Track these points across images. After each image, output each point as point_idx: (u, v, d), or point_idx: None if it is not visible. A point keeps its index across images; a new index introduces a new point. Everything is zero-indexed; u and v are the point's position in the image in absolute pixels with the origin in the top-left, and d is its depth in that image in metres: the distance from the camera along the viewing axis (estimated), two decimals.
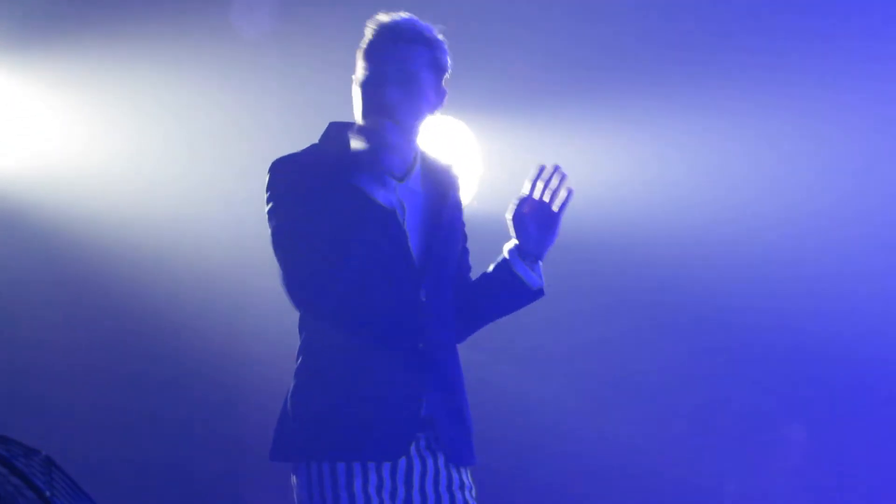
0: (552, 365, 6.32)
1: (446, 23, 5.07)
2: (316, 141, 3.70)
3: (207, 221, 5.18)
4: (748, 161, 6.37)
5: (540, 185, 3.61)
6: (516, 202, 3.63)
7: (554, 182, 3.61)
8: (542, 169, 3.59)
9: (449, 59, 3.64)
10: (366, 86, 3.56)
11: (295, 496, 3.60)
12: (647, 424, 6.28)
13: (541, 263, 3.67)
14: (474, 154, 6.08)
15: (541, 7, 6.26)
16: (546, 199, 3.62)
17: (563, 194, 3.60)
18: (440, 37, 3.64)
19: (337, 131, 3.63)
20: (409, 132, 3.57)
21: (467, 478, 3.60)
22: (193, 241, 5.62)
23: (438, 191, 3.66)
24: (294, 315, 3.71)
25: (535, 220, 3.61)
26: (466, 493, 3.58)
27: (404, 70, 3.57)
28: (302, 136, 3.73)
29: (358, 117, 3.59)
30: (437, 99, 3.63)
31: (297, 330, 3.70)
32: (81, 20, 5.58)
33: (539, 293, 3.68)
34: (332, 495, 3.54)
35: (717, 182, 6.35)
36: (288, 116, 5.44)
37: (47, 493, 2.81)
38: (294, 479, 3.60)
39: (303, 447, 3.55)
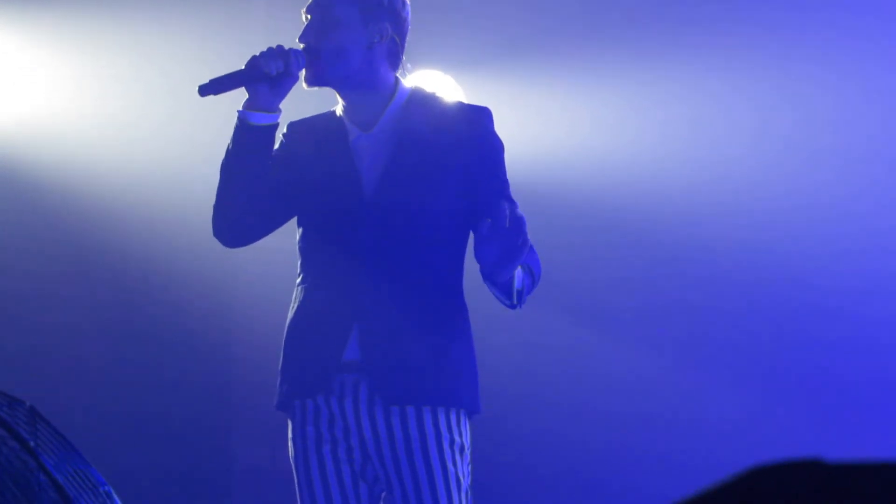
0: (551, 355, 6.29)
1: None
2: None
3: (192, 173, 5.29)
4: (758, 121, 6.29)
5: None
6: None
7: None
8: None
9: None
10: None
11: None
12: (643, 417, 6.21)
13: (517, 275, 3.60)
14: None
15: None
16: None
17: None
18: None
19: None
20: (327, 57, 3.68)
21: (433, 420, 3.64)
22: (180, 191, 5.71)
23: (425, 135, 3.71)
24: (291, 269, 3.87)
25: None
26: (427, 439, 3.63)
27: (319, 6, 3.71)
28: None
29: None
30: (373, 29, 3.70)
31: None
32: None
33: (513, 306, 3.68)
34: (294, 451, 3.76)
35: (713, 147, 6.29)
36: None
37: (31, 443, 2.82)
38: None
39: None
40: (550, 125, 6.27)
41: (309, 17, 3.73)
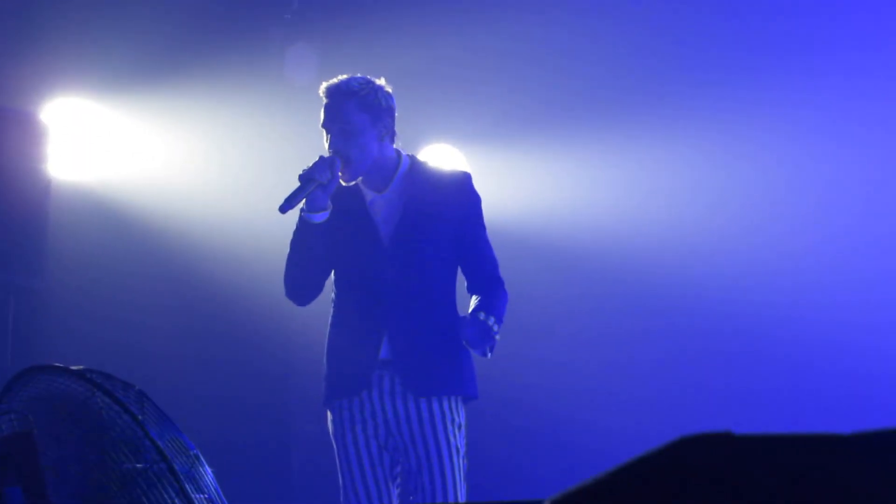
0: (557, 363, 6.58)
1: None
2: None
3: (263, 224, 5.96)
4: (738, 197, 6.39)
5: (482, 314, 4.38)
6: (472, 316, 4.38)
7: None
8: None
9: (380, 95, 4.38)
10: (323, 133, 4.45)
11: None
12: (640, 419, 6.52)
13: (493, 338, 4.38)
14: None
15: (526, 43, 6.60)
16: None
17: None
18: (369, 85, 4.39)
19: None
20: (356, 159, 4.35)
21: (439, 406, 4.39)
22: (254, 235, 6.36)
23: (424, 195, 4.43)
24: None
25: (471, 332, 4.36)
26: (435, 420, 4.38)
27: (338, 119, 4.38)
28: None
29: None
30: (380, 127, 4.39)
31: None
32: (174, 68, 6.33)
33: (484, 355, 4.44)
34: (334, 430, 4.49)
35: (709, 209, 6.47)
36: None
37: (140, 418, 3.27)
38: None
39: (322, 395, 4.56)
40: (548, 188, 6.51)
41: (329, 129, 4.38)
